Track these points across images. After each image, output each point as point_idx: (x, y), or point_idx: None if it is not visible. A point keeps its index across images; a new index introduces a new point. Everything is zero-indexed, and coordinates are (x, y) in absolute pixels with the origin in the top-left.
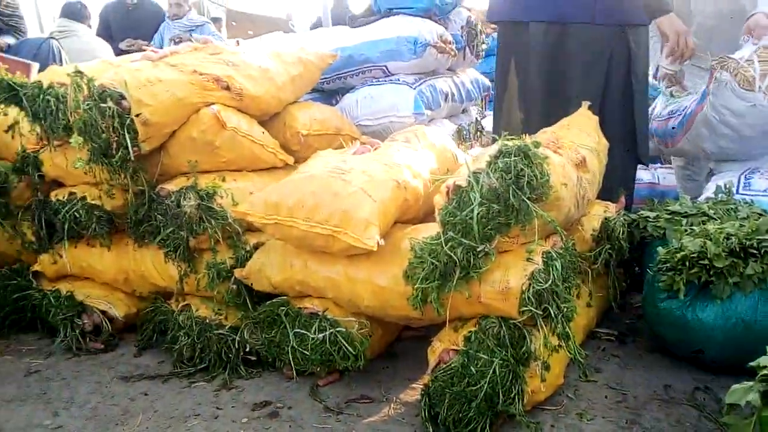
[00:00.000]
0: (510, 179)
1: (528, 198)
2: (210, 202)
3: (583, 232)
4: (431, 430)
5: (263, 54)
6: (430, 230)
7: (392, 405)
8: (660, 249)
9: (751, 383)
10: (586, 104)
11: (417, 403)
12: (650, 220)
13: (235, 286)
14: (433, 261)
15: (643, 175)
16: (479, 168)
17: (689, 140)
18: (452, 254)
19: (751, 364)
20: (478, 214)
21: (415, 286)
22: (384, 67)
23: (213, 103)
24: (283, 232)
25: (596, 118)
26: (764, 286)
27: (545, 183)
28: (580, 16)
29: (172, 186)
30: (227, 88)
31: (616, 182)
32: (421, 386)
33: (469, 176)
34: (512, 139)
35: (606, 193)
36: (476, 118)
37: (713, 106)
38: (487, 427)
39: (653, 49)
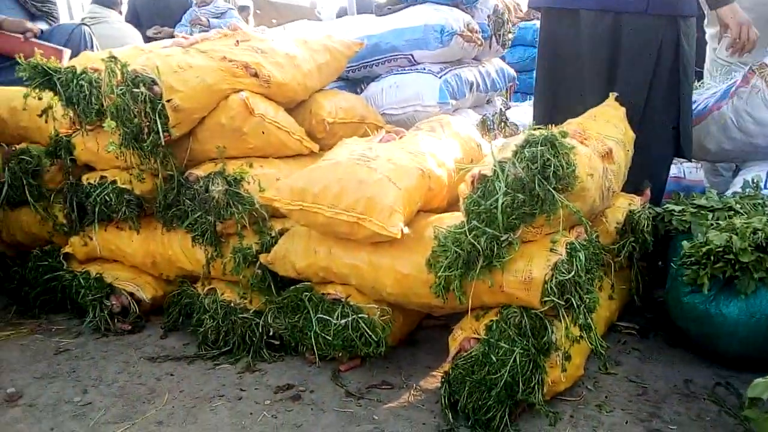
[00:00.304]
0: (536, 169)
1: (554, 188)
2: (237, 188)
3: (607, 225)
4: (450, 416)
5: (290, 41)
6: (454, 219)
7: (412, 392)
8: (685, 243)
9: None
10: (613, 95)
11: (437, 390)
12: (675, 213)
13: (260, 271)
14: (457, 249)
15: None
16: (505, 157)
17: (694, 134)
18: (476, 243)
19: None
20: (502, 203)
21: (438, 274)
22: (410, 56)
23: (241, 90)
24: (308, 218)
25: (623, 109)
26: None
27: (571, 173)
28: (634, 5)
29: (200, 171)
30: (255, 75)
31: (651, 174)
32: (442, 374)
33: (494, 165)
34: (539, 128)
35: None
36: (501, 109)
37: (735, 108)
38: (506, 416)
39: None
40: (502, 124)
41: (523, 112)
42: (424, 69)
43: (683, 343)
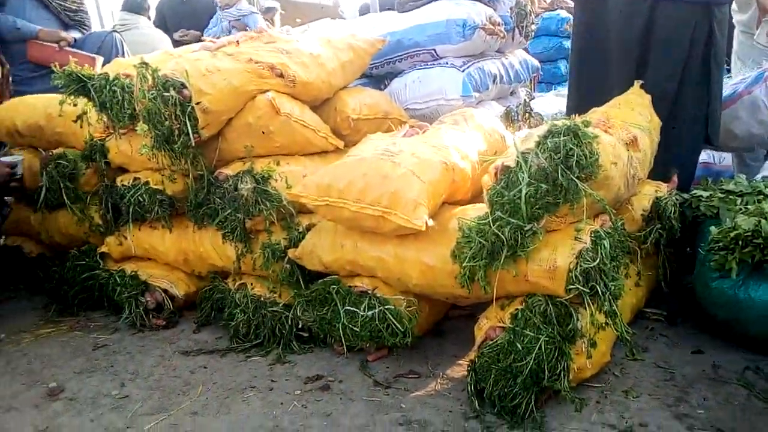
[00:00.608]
0: (559, 159)
1: (577, 177)
2: (265, 185)
3: (633, 212)
4: (477, 404)
5: (314, 41)
6: (478, 210)
7: (439, 380)
8: (712, 228)
9: None
10: (638, 83)
11: (463, 378)
12: (703, 199)
13: (288, 266)
14: (481, 240)
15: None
16: (528, 148)
17: (722, 117)
18: (500, 233)
19: None
20: (526, 193)
21: (463, 265)
22: (433, 51)
23: (268, 90)
24: (335, 213)
25: (648, 97)
26: None
27: (594, 162)
28: None
29: (229, 170)
30: (281, 76)
31: (680, 162)
32: (468, 362)
33: (517, 156)
34: (562, 118)
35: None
36: (525, 100)
37: None
38: (532, 402)
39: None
40: (527, 115)
41: (547, 103)
42: (447, 63)
43: (711, 328)
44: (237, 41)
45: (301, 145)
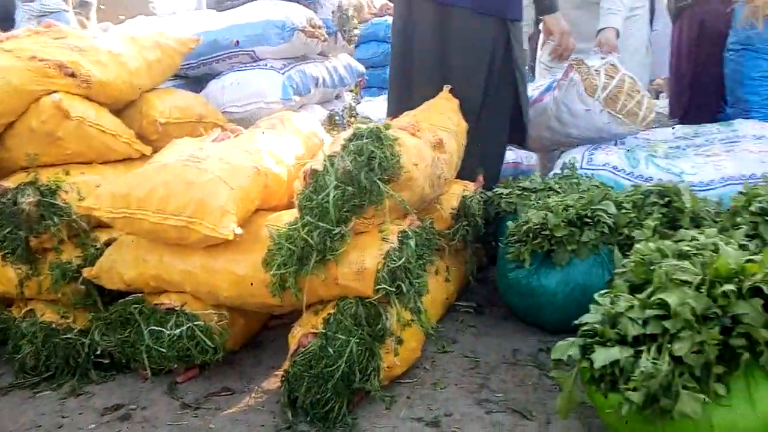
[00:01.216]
0: (362, 161)
1: (379, 179)
2: (53, 198)
3: (442, 211)
4: (290, 414)
5: (116, 38)
6: (292, 216)
7: (253, 395)
8: (509, 223)
9: (573, 339)
10: (447, 88)
11: (278, 390)
12: (504, 196)
13: (83, 287)
14: (290, 246)
15: (509, 155)
16: (334, 151)
17: None
18: (309, 238)
19: (575, 322)
20: (333, 197)
21: (272, 273)
22: (252, 52)
23: (56, 91)
24: (134, 225)
25: (456, 101)
26: (597, 252)
27: (396, 163)
28: (462, 0)
29: (9, 183)
30: (72, 75)
31: (486, 162)
32: (282, 373)
33: (324, 160)
34: (366, 122)
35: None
36: (350, 104)
37: (556, 99)
38: (345, 406)
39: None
40: (352, 119)
41: (377, 107)
42: (267, 65)
43: (514, 316)
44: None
45: (99, 152)
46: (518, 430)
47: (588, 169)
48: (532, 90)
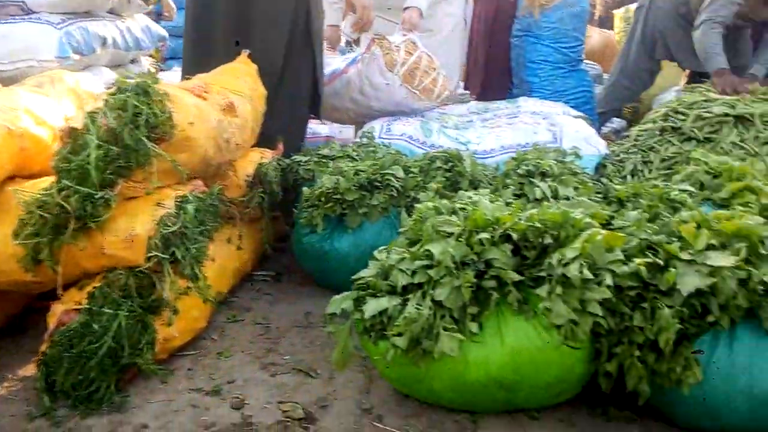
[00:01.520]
0: (127, 117)
1: (146, 137)
2: None
3: (236, 178)
4: (47, 400)
5: None
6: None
7: (6, 383)
8: (305, 189)
9: (347, 293)
10: (245, 52)
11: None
12: (302, 164)
13: None
14: (43, 214)
15: (322, 129)
16: (97, 108)
17: (326, 92)
18: (65, 204)
19: (353, 277)
20: (95, 158)
21: (19, 242)
22: (22, 4)
23: None
24: None
25: (255, 66)
26: (387, 214)
27: (166, 120)
28: None
29: None
30: None
31: (290, 131)
32: (39, 356)
33: (85, 117)
34: (133, 77)
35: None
36: (149, 69)
37: (359, 72)
38: (112, 385)
39: None
40: None
41: (178, 76)
42: (40, 19)
43: (311, 282)
44: None
45: None
46: (302, 389)
47: (386, 138)
48: (340, 61)
